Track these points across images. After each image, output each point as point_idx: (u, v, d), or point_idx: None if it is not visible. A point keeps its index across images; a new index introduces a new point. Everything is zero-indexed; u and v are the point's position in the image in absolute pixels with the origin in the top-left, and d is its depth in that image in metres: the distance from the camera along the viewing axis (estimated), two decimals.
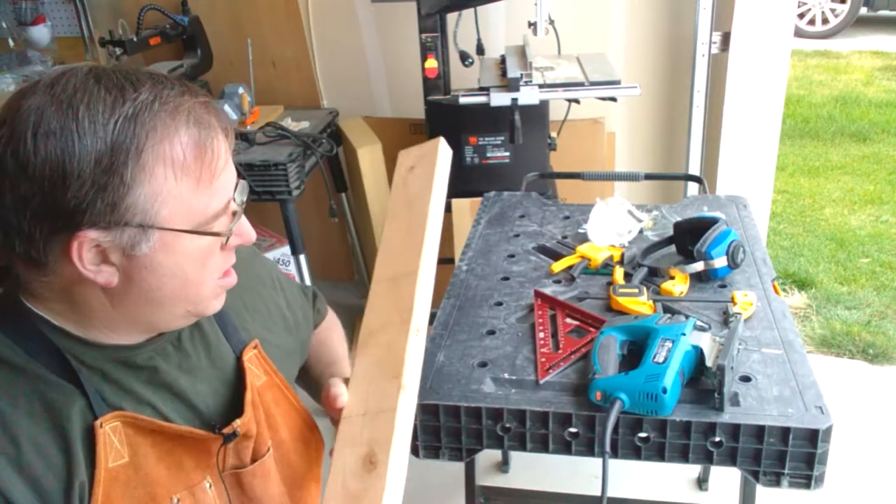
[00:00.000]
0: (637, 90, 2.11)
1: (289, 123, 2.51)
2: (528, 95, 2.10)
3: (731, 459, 1.07)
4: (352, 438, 0.84)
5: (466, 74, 2.34)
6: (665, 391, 1.03)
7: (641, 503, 1.85)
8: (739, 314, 1.26)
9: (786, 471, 1.05)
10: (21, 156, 0.69)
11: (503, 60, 2.35)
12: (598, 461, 1.02)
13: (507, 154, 2.27)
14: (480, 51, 2.41)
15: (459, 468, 1.52)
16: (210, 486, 0.89)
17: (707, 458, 1.08)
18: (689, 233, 1.47)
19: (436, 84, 2.26)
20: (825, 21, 7.39)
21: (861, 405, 2.42)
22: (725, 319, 1.28)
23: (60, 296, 0.77)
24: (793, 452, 1.04)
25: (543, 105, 2.23)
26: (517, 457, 2.23)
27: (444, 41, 2.26)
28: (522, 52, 2.32)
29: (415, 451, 1.16)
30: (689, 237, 1.45)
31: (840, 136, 4.96)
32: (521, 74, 2.11)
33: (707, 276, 1.40)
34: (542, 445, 1.12)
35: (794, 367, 1.15)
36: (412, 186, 1.03)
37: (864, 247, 3.53)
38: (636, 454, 1.09)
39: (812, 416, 1.04)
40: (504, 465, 2.23)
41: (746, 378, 1.13)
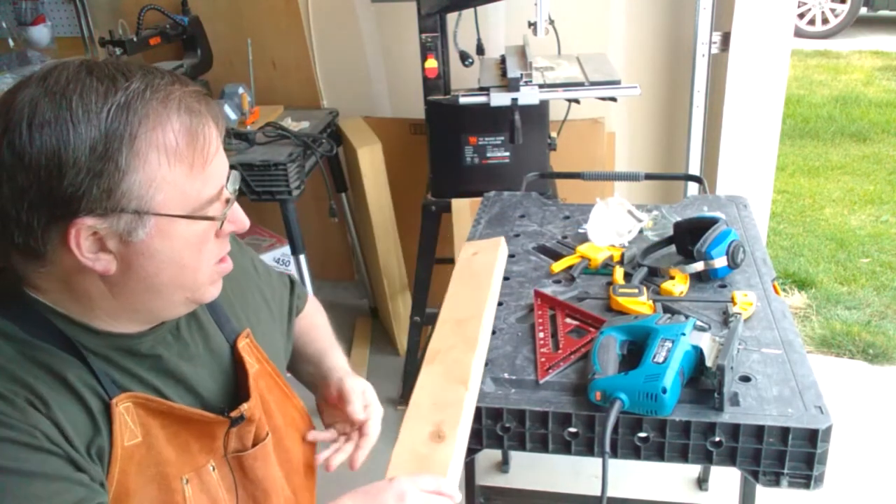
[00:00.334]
0: (637, 90, 2.11)
1: (289, 123, 2.51)
2: (528, 95, 2.10)
3: (731, 459, 1.07)
4: (420, 418, 1.03)
5: (466, 74, 2.34)
6: (665, 391, 1.03)
7: (641, 503, 1.85)
8: (739, 314, 1.26)
9: (785, 471, 1.05)
10: (17, 147, 0.70)
11: (503, 60, 2.35)
12: (598, 461, 1.02)
13: (507, 154, 2.27)
14: (480, 51, 2.41)
15: None
16: (213, 469, 0.92)
17: (707, 458, 1.08)
18: (689, 233, 1.47)
19: (436, 84, 2.25)
20: (825, 21, 7.40)
21: (861, 405, 2.42)
22: (725, 319, 1.28)
23: (61, 286, 0.79)
24: (792, 452, 1.04)
25: (543, 105, 2.23)
26: (517, 457, 2.23)
27: (444, 41, 2.26)
28: (522, 52, 2.32)
29: None
30: (689, 237, 1.45)
31: (840, 136, 4.96)
32: (521, 74, 2.11)
33: (707, 276, 1.40)
34: (542, 445, 1.12)
35: (794, 367, 1.15)
36: (475, 265, 1.43)
37: (864, 247, 3.53)
38: (636, 454, 1.09)
39: (812, 416, 1.04)
40: (504, 465, 2.24)
41: (746, 378, 1.14)
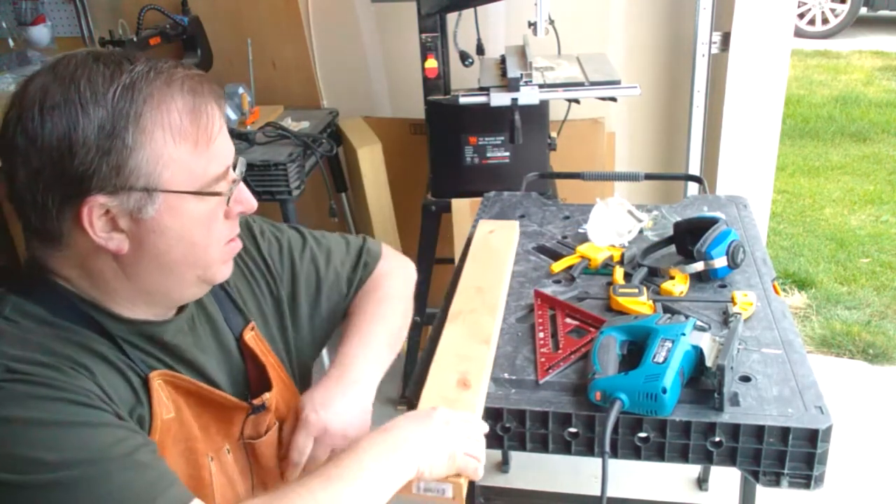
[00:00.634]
0: (637, 90, 2.11)
1: (289, 123, 2.51)
2: (528, 95, 2.10)
3: (731, 459, 1.06)
4: (447, 368, 1.14)
5: (466, 74, 2.34)
6: (665, 391, 1.02)
7: (641, 503, 1.85)
8: (739, 314, 1.26)
9: (785, 471, 1.05)
10: (30, 131, 0.74)
11: (503, 60, 2.35)
12: (598, 461, 1.02)
13: (507, 154, 2.27)
14: (480, 51, 2.41)
15: None
16: (228, 452, 0.95)
17: (707, 458, 1.08)
18: (689, 233, 1.47)
19: (436, 84, 2.25)
20: (825, 21, 7.40)
21: (861, 405, 2.42)
22: (725, 319, 1.28)
23: (79, 272, 0.82)
24: (792, 452, 1.04)
25: (543, 105, 2.23)
26: (517, 457, 2.23)
27: (444, 41, 2.26)
28: (522, 52, 2.31)
29: None
30: (689, 237, 1.45)
31: (840, 136, 4.96)
32: (521, 74, 2.11)
33: (707, 276, 1.40)
34: (542, 445, 1.12)
35: (794, 367, 1.15)
36: (492, 241, 1.57)
37: (864, 247, 3.53)
38: (636, 454, 1.09)
39: (812, 416, 1.04)
40: (504, 465, 2.24)
41: (746, 378, 1.13)
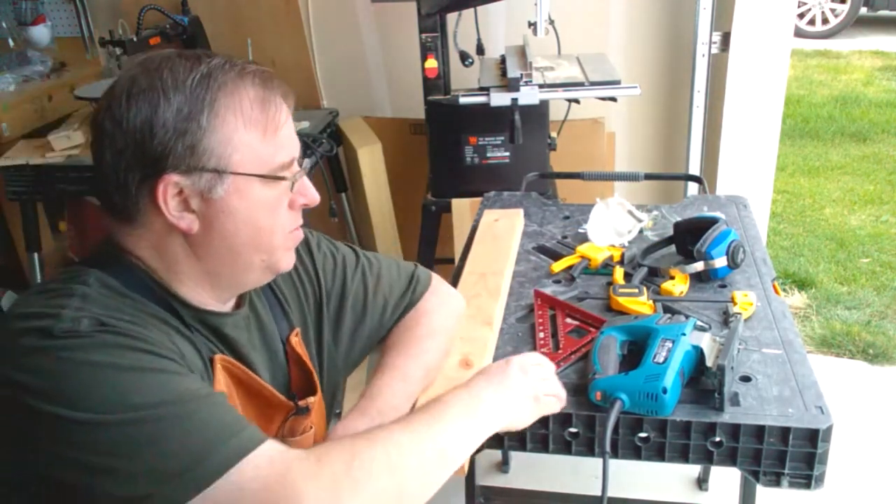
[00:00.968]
0: (637, 90, 2.11)
1: None
2: (528, 95, 2.10)
3: (731, 459, 1.06)
4: (450, 351, 1.19)
5: (466, 74, 2.34)
6: (665, 391, 1.02)
7: (641, 503, 1.85)
8: (740, 314, 1.26)
9: (786, 471, 1.05)
10: (117, 115, 0.82)
11: (503, 60, 2.35)
12: (599, 461, 1.02)
13: (507, 154, 2.27)
14: (480, 51, 2.41)
15: None
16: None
17: (707, 458, 1.08)
18: (689, 233, 1.47)
19: (436, 84, 2.25)
20: (825, 21, 7.40)
21: (861, 405, 2.42)
22: (725, 319, 1.28)
23: (152, 252, 0.88)
24: (793, 452, 1.04)
25: (543, 105, 2.23)
26: (517, 457, 2.23)
27: (444, 41, 2.26)
28: (522, 52, 2.31)
29: None
30: (689, 237, 1.45)
31: (840, 136, 4.95)
32: (521, 74, 2.11)
33: (707, 276, 1.40)
34: (542, 445, 1.12)
35: (794, 367, 1.15)
36: (497, 229, 1.61)
37: (864, 247, 3.53)
38: (636, 454, 1.09)
39: (812, 416, 1.04)
40: (504, 465, 2.23)
41: (746, 378, 1.13)
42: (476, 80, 2.25)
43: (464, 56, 2.30)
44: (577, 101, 2.30)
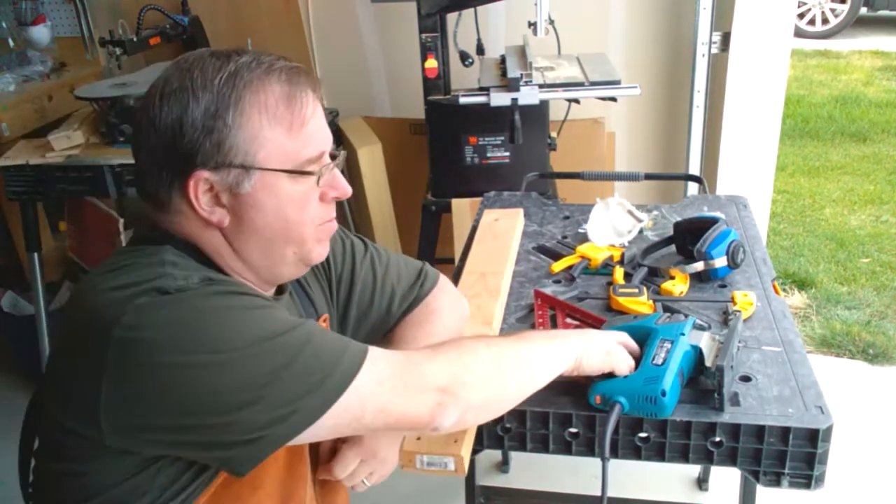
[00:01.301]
0: (637, 90, 2.11)
1: None
2: (528, 95, 2.10)
3: (731, 459, 1.06)
4: None
5: (466, 74, 2.34)
6: (664, 394, 1.02)
7: (641, 503, 1.85)
8: (739, 312, 1.26)
9: (786, 471, 1.05)
10: (151, 114, 0.86)
11: (503, 60, 2.35)
12: (599, 461, 1.02)
13: (507, 154, 2.27)
14: (480, 51, 2.41)
15: None
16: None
17: (707, 458, 1.08)
18: (689, 233, 1.47)
19: (436, 84, 2.25)
20: (825, 21, 7.39)
21: (861, 405, 2.42)
22: (725, 319, 1.28)
23: (198, 241, 0.90)
24: (793, 452, 1.04)
25: (543, 105, 2.23)
26: (517, 457, 2.23)
27: (444, 41, 2.26)
28: (522, 52, 2.32)
29: None
30: (689, 237, 1.45)
31: (840, 136, 4.95)
32: (521, 74, 2.11)
33: (707, 276, 1.40)
34: (542, 445, 1.12)
35: (794, 367, 1.15)
36: (497, 228, 1.62)
37: (864, 247, 3.53)
38: (636, 454, 1.09)
39: (812, 416, 1.04)
40: (504, 465, 2.23)
41: (746, 378, 1.13)
42: (476, 80, 2.25)
43: (464, 56, 2.30)
44: (577, 101, 2.30)
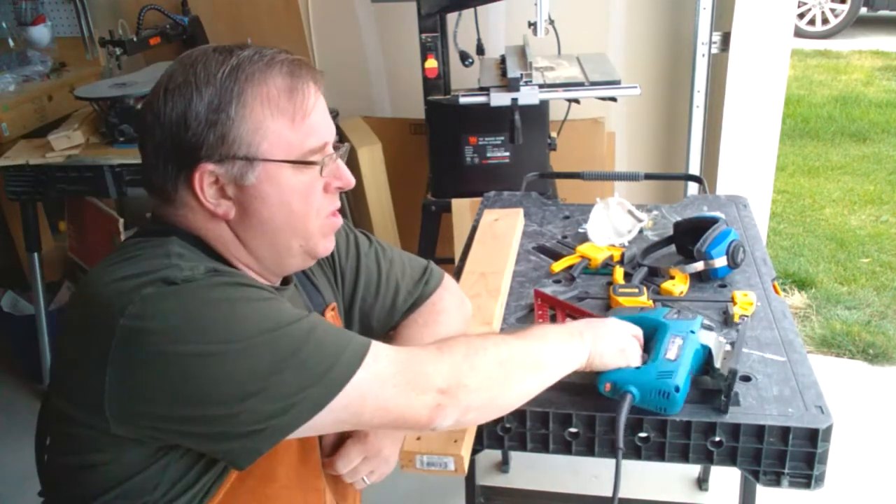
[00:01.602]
0: (637, 90, 2.11)
1: None
2: (528, 95, 2.10)
3: (731, 459, 1.06)
4: None
5: (466, 74, 2.34)
6: (677, 389, 1.01)
7: (641, 503, 1.85)
8: (747, 317, 1.25)
9: (786, 470, 1.05)
10: (156, 109, 0.87)
11: (503, 60, 2.35)
12: (599, 461, 1.02)
13: (507, 154, 2.27)
14: (480, 51, 2.41)
15: None
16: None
17: (707, 458, 1.08)
18: (689, 233, 1.47)
19: (436, 84, 2.25)
20: (825, 21, 7.39)
21: (861, 405, 2.42)
22: (725, 319, 1.28)
23: (204, 234, 0.91)
24: (793, 452, 1.04)
25: (543, 105, 2.23)
26: (517, 457, 2.23)
27: (444, 41, 2.26)
28: (522, 52, 2.32)
29: None
30: (689, 237, 1.45)
31: (840, 136, 4.95)
32: (521, 74, 2.11)
33: (707, 276, 1.40)
34: (542, 445, 1.12)
35: (794, 367, 1.15)
36: (497, 228, 1.62)
37: (864, 247, 3.53)
38: (636, 454, 1.09)
39: (812, 416, 1.04)
40: (504, 465, 2.23)
41: (747, 378, 1.13)
42: (476, 80, 2.25)
43: (464, 56, 2.30)
44: (577, 101, 2.30)
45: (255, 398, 0.78)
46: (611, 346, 1.04)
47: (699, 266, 1.39)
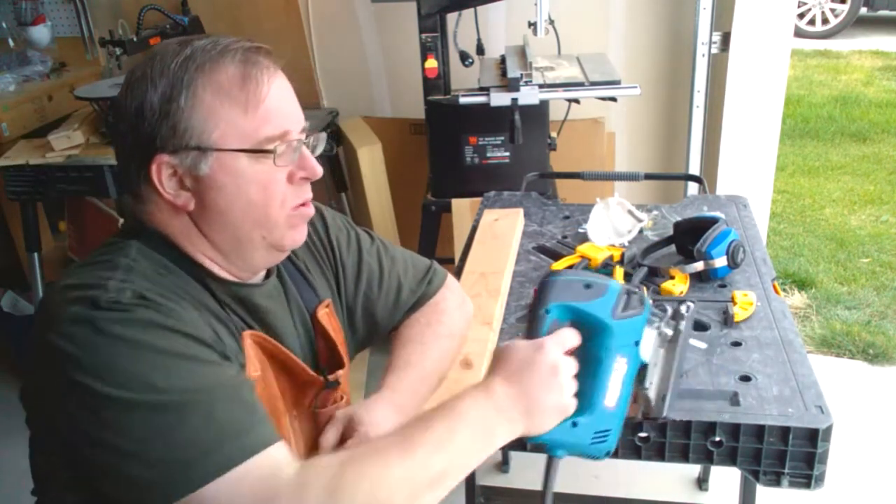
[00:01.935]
0: (637, 90, 2.11)
1: None
2: (528, 95, 2.10)
3: (731, 459, 1.06)
4: None
5: (466, 74, 2.34)
6: (609, 452, 0.88)
7: (641, 503, 1.85)
8: (690, 306, 0.98)
9: (786, 470, 1.05)
10: (119, 105, 0.88)
11: (503, 60, 2.35)
12: (599, 461, 1.02)
13: (507, 154, 2.27)
14: (480, 51, 2.41)
15: None
16: (295, 419, 1.01)
17: (707, 458, 1.08)
18: (689, 233, 1.47)
19: (436, 84, 2.25)
20: (825, 21, 7.39)
21: (861, 405, 2.42)
22: (725, 319, 1.28)
23: (170, 230, 0.90)
24: (793, 452, 1.04)
25: (543, 105, 2.23)
26: (517, 457, 2.23)
27: (444, 41, 2.26)
28: (522, 52, 2.32)
29: None
30: (689, 237, 1.45)
31: (840, 136, 4.95)
32: (521, 74, 2.11)
33: (707, 276, 1.40)
34: None
35: (794, 367, 1.15)
36: (497, 228, 1.63)
37: (864, 247, 3.53)
38: (636, 454, 1.09)
39: (812, 416, 1.04)
40: (504, 465, 2.23)
41: (746, 378, 1.13)
42: (476, 80, 2.25)
43: (464, 56, 2.30)
44: (577, 101, 2.30)
45: (125, 458, 0.75)
46: (546, 413, 0.85)
47: (699, 266, 1.39)
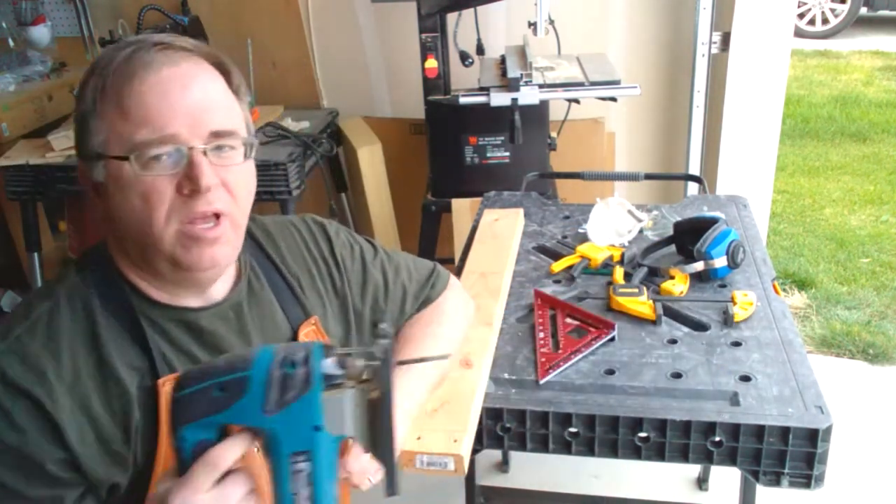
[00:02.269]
0: (637, 90, 2.11)
1: (289, 123, 2.51)
2: (528, 95, 2.10)
3: (731, 459, 1.06)
4: None
5: (466, 74, 2.34)
6: None
7: (641, 503, 1.85)
8: (388, 338, 0.71)
9: (786, 470, 1.05)
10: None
11: (503, 60, 2.35)
12: (598, 461, 1.02)
13: (507, 154, 2.27)
14: (480, 51, 2.41)
15: None
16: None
17: (707, 458, 1.08)
18: (689, 233, 1.47)
19: (436, 84, 2.26)
20: (825, 21, 7.39)
21: (861, 405, 2.42)
22: (725, 319, 1.28)
23: (112, 247, 0.87)
24: (793, 452, 1.04)
25: (543, 105, 2.23)
26: (517, 457, 2.23)
27: (444, 41, 2.26)
28: (522, 52, 2.32)
29: None
30: (689, 237, 1.45)
31: (840, 136, 4.95)
32: (521, 74, 2.11)
33: (707, 276, 1.40)
34: (542, 445, 1.12)
35: (794, 367, 1.15)
36: (497, 228, 1.63)
37: (864, 247, 3.53)
38: (636, 454, 1.09)
39: (812, 416, 1.04)
40: (504, 465, 2.23)
41: (746, 378, 1.13)
42: (476, 80, 2.25)
43: (464, 56, 2.30)
44: (577, 101, 2.30)
45: None
46: None
47: (699, 266, 1.39)
